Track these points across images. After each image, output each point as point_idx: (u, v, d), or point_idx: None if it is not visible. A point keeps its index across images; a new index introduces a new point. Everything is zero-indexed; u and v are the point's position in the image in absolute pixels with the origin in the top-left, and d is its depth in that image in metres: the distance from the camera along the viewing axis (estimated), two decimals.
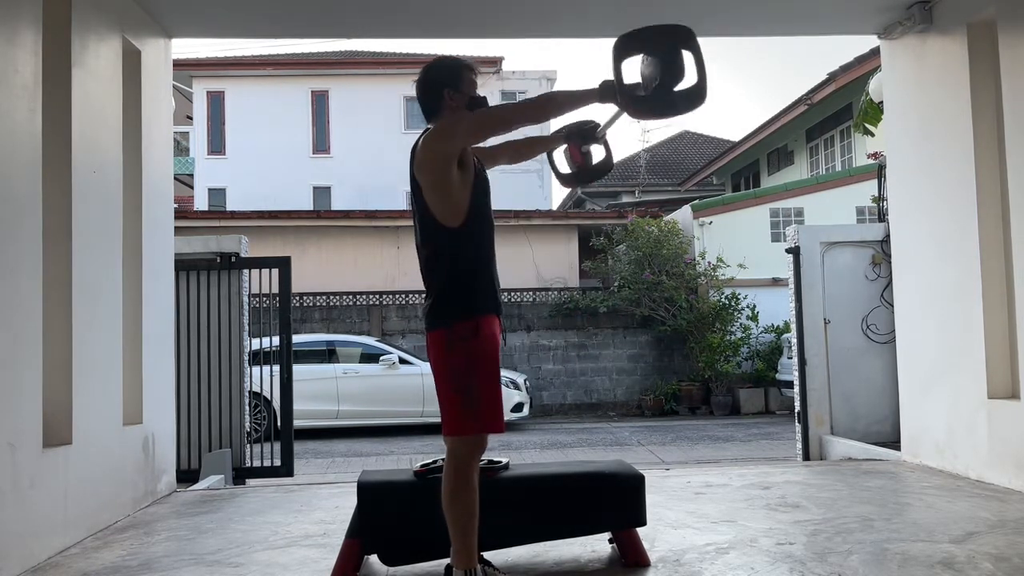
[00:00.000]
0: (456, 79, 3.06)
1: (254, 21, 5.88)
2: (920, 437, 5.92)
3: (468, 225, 2.98)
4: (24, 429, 3.60)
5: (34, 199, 3.76)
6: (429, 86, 3.08)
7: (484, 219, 3.06)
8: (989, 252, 5.13)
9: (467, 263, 2.99)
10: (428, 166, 2.96)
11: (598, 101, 2.98)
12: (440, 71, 3.10)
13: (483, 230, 3.06)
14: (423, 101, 3.11)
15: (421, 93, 3.11)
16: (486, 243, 3.07)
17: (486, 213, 3.09)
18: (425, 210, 3.00)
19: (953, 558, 3.43)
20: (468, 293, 2.98)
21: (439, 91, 3.05)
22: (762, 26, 6.28)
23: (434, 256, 3.03)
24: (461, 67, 3.10)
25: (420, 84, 3.11)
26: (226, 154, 24.61)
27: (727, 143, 26.11)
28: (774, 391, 13.67)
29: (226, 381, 6.59)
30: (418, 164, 2.99)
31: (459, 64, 3.12)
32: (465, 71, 3.10)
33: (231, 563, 3.65)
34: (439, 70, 3.10)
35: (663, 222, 14.95)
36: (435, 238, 3.01)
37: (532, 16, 5.83)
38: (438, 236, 3.00)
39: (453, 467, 2.96)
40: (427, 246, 3.04)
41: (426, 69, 3.13)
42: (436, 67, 3.12)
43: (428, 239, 3.03)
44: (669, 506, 4.56)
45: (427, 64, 3.17)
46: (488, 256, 3.07)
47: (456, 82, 3.06)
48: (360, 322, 14.63)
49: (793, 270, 7.43)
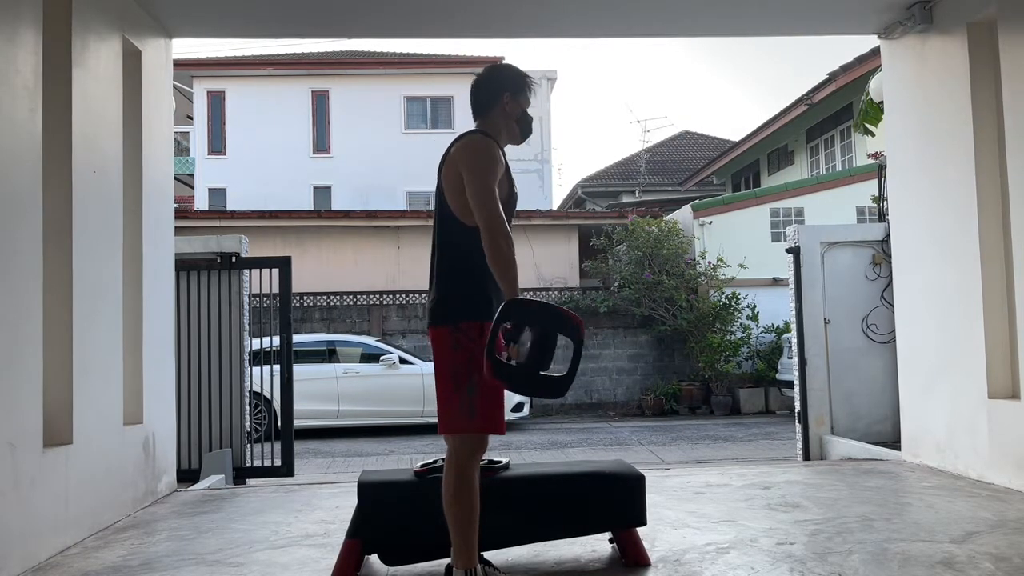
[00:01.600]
0: (519, 89, 3.17)
1: (254, 21, 5.88)
2: (920, 437, 5.92)
3: None
4: (25, 429, 3.60)
5: (34, 199, 3.76)
6: (493, 84, 3.16)
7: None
8: (989, 252, 5.13)
9: (481, 265, 2.98)
10: (475, 160, 2.99)
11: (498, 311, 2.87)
12: (508, 75, 3.20)
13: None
14: (480, 95, 3.17)
15: (482, 88, 3.18)
16: None
17: (508, 220, 3.08)
18: (446, 208, 3.04)
19: (953, 558, 3.43)
20: (478, 295, 2.99)
21: (500, 92, 3.14)
22: (762, 26, 6.28)
23: (450, 253, 3.05)
24: (526, 81, 3.21)
25: (484, 80, 3.19)
26: (226, 154, 24.60)
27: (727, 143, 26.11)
28: (774, 391, 13.67)
29: (227, 381, 6.59)
30: (462, 159, 3.00)
31: (526, 78, 3.22)
32: (528, 87, 3.21)
33: (232, 563, 3.66)
34: (508, 74, 3.21)
35: (663, 222, 14.95)
36: (454, 236, 3.03)
37: (532, 16, 5.83)
38: (457, 234, 3.02)
39: (454, 467, 2.96)
40: (444, 244, 3.06)
41: (495, 68, 3.24)
42: (505, 71, 3.23)
43: (447, 237, 3.06)
44: (669, 506, 4.56)
45: (496, 64, 3.30)
46: None
47: (517, 91, 3.16)
48: (360, 322, 14.63)
49: (793, 270, 7.43)
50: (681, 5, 5.70)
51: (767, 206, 15.53)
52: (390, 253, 16.76)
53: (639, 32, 6.39)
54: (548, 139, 24.84)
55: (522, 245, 16.19)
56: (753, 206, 15.60)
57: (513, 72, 3.21)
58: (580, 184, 26.48)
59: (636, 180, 25.42)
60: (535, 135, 26.14)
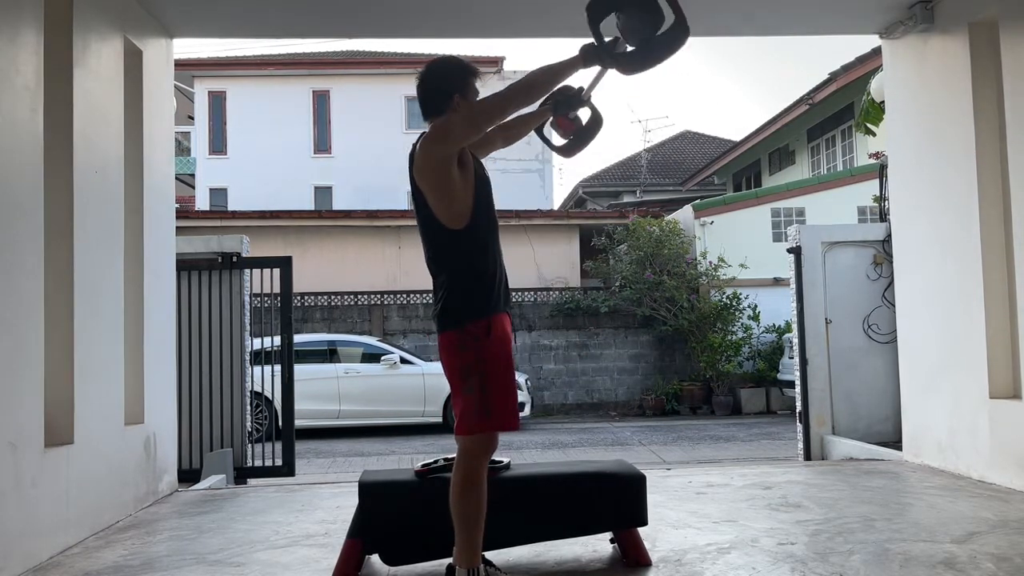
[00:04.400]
0: (465, 85, 3.01)
1: (255, 21, 5.88)
2: (922, 437, 5.92)
3: (473, 226, 2.97)
4: (26, 429, 3.60)
5: (35, 199, 3.76)
6: (439, 86, 2.99)
7: (488, 218, 3.05)
8: (991, 251, 5.13)
9: (475, 264, 2.98)
10: (428, 170, 2.93)
11: (583, 67, 2.96)
12: (451, 73, 3.02)
13: (489, 228, 3.04)
14: (428, 100, 3.02)
15: (429, 92, 3.01)
16: (492, 241, 3.05)
17: (490, 212, 3.07)
18: (429, 214, 2.99)
19: (955, 558, 3.42)
20: (478, 293, 2.97)
21: (449, 94, 2.96)
22: (763, 26, 6.27)
23: (441, 259, 3.01)
24: (469, 72, 3.04)
25: (428, 83, 3.02)
26: (227, 154, 24.62)
27: (728, 143, 26.10)
28: (775, 391, 13.67)
29: (228, 381, 6.59)
30: (418, 169, 2.96)
31: (468, 69, 3.05)
32: (472, 76, 3.04)
33: (232, 563, 3.66)
34: (450, 71, 3.03)
35: (664, 222, 14.95)
36: (441, 241, 3.00)
37: (532, 16, 5.83)
38: (444, 239, 2.99)
39: (464, 465, 2.96)
40: (433, 249, 3.03)
41: (434, 68, 3.05)
42: (446, 68, 3.05)
43: (433, 242, 3.03)
44: (670, 506, 4.55)
45: (434, 62, 3.09)
46: (495, 254, 3.05)
47: (465, 88, 3.00)
48: (361, 322, 14.64)
49: (794, 270, 7.42)
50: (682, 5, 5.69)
51: (768, 206, 15.53)
52: (391, 253, 16.77)
53: None
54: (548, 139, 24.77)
55: (523, 245, 16.34)
56: (754, 206, 15.61)
57: (457, 67, 3.03)
58: (581, 184, 26.48)
59: (637, 180, 25.41)
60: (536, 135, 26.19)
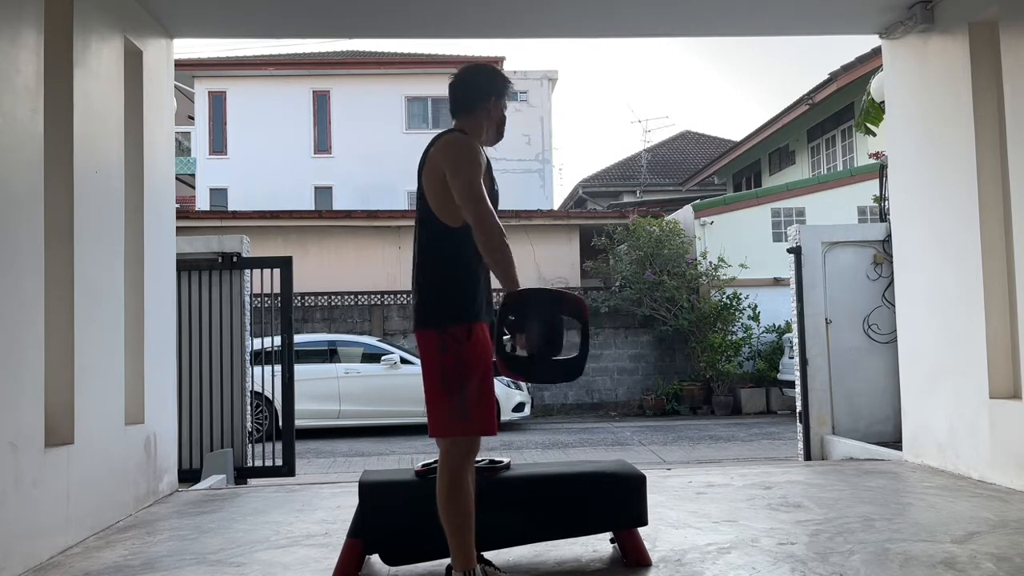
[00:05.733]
0: (502, 94, 3.15)
1: (256, 21, 5.88)
2: (922, 437, 5.92)
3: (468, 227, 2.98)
4: (26, 429, 3.61)
5: (36, 199, 3.77)
6: (479, 86, 3.12)
7: None
8: (991, 251, 5.13)
9: (465, 266, 2.98)
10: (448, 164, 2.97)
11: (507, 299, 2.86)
12: (494, 78, 3.16)
13: None
14: (464, 96, 3.12)
15: (467, 88, 3.12)
16: None
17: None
18: (428, 211, 3.01)
19: (955, 558, 3.42)
20: (463, 297, 2.97)
21: (487, 94, 3.10)
22: (762, 26, 6.28)
23: (432, 255, 3.02)
24: (508, 84, 3.19)
25: (469, 81, 3.14)
26: (228, 154, 24.62)
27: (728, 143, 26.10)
28: (775, 391, 13.67)
29: (228, 381, 6.60)
30: (431, 169, 3.01)
31: (508, 83, 3.20)
32: (508, 89, 3.19)
33: (233, 563, 3.66)
34: (493, 77, 3.17)
35: (664, 222, 14.95)
36: (436, 238, 3.01)
37: (532, 16, 5.83)
38: (439, 235, 3.00)
39: (447, 470, 2.94)
40: (426, 246, 3.04)
41: (479, 70, 3.19)
42: (491, 73, 3.19)
43: (429, 239, 3.03)
44: (671, 506, 4.56)
45: (479, 65, 3.24)
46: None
47: (501, 96, 3.14)
48: (361, 322, 14.64)
49: (794, 270, 7.43)
50: (682, 5, 5.70)
51: (768, 206, 15.53)
52: (391, 253, 16.77)
53: (640, 32, 6.39)
54: (549, 139, 24.80)
55: (523, 245, 16.32)
56: (754, 206, 15.60)
57: (498, 75, 3.18)
58: (581, 184, 26.49)
59: (637, 180, 25.42)
60: (536, 135, 26.25)
